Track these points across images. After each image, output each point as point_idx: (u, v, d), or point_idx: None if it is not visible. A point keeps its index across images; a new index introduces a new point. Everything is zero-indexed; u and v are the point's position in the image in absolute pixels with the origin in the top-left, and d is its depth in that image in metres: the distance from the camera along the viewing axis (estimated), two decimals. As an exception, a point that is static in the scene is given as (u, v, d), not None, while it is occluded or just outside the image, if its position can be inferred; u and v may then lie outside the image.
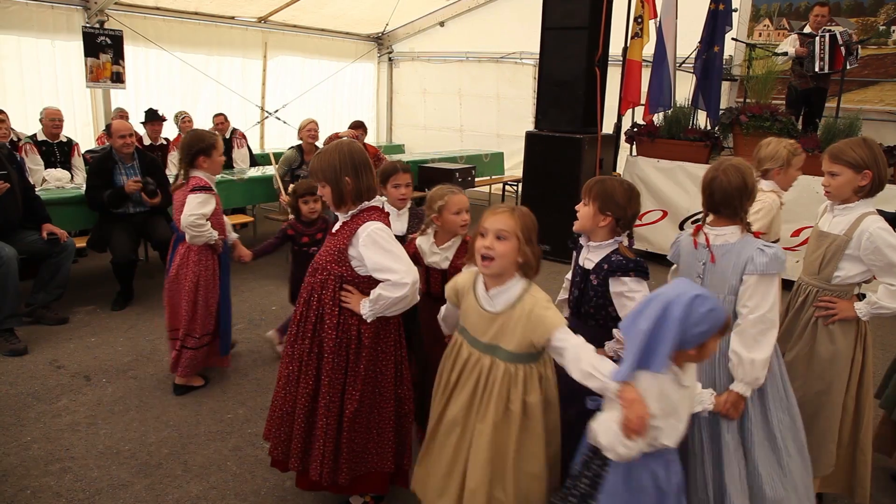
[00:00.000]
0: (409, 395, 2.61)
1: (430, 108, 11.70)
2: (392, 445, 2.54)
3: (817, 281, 2.64)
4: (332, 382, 2.43)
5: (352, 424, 2.44)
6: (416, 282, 2.32)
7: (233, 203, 6.60)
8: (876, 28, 7.68)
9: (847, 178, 2.51)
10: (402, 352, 2.59)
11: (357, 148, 2.46)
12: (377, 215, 2.42)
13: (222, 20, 9.19)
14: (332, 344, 2.42)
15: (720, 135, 6.72)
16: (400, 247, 2.40)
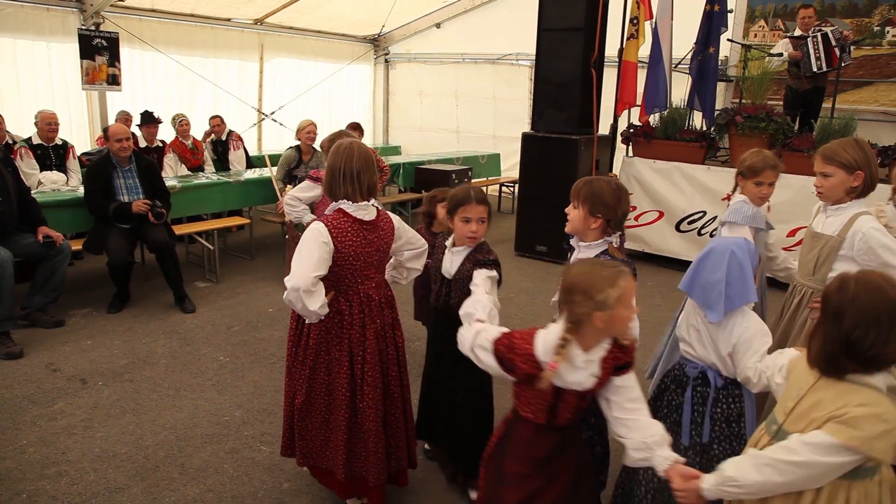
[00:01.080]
0: (371, 413, 2.54)
1: (427, 109, 11.70)
2: (342, 453, 2.56)
3: (812, 282, 2.65)
4: (289, 369, 2.64)
5: (301, 413, 2.60)
6: (296, 288, 2.30)
7: (229, 205, 6.60)
8: (870, 29, 7.71)
9: (840, 178, 2.52)
10: (365, 366, 2.53)
11: (342, 150, 2.49)
12: (333, 217, 2.46)
13: (218, 22, 9.18)
14: (292, 334, 2.62)
15: (716, 135, 6.73)
16: (315, 252, 2.35)
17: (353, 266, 2.47)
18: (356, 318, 2.51)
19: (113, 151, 5.06)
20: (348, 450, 2.58)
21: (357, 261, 2.47)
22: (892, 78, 7.67)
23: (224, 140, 7.81)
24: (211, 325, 4.89)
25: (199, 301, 5.34)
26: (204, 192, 6.28)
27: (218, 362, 4.27)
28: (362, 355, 2.54)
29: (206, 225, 6.14)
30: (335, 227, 2.41)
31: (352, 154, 2.48)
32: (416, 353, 4.49)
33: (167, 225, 5.31)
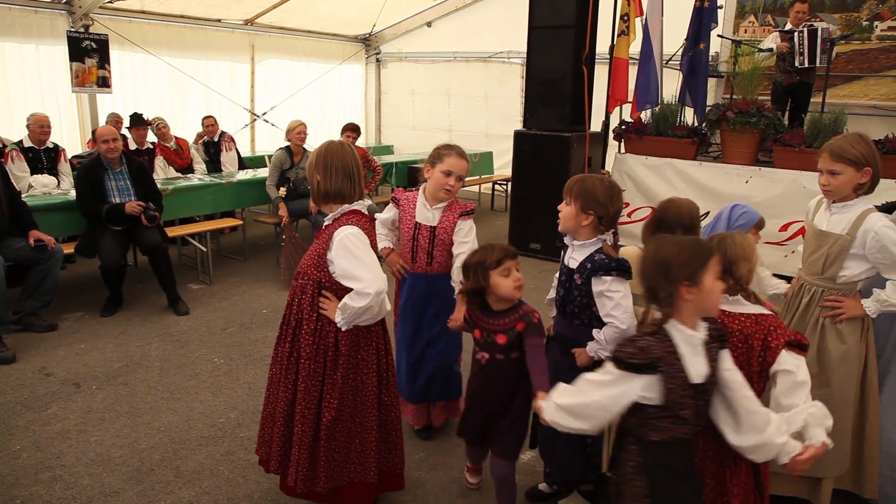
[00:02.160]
0: (395, 402, 2.59)
1: (419, 108, 11.70)
2: (374, 455, 2.51)
3: (822, 281, 2.61)
4: (309, 389, 2.41)
5: (329, 433, 2.41)
6: (380, 292, 2.26)
7: (222, 206, 6.58)
8: (859, 23, 7.74)
9: (849, 176, 2.45)
10: (388, 358, 2.56)
11: (335, 149, 2.43)
12: (356, 219, 2.39)
13: (209, 23, 9.14)
14: (309, 350, 2.41)
15: (707, 131, 6.74)
16: (372, 254, 2.34)
17: None
18: None
19: (101, 153, 5.04)
20: (378, 449, 2.55)
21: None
22: (882, 72, 7.71)
23: (216, 141, 7.78)
24: (205, 327, 4.88)
25: (193, 303, 5.33)
26: (196, 193, 6.26)
27: (212, 364, 4.26)
28: (385, 347, 2.54)
29: (198, 227, 6.13)
30: (364, 229, 2.39)
31: (352, 152, 2.48)
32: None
33: (160, 227, 5.29)
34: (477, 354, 2.48)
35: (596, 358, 2.44)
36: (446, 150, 2.98)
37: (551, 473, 2.73)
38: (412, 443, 3.32)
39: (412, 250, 3.12)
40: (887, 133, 5.93)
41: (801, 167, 5.95)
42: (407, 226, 3.11)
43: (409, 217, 3.10)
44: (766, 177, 6.16)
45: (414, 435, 3.41)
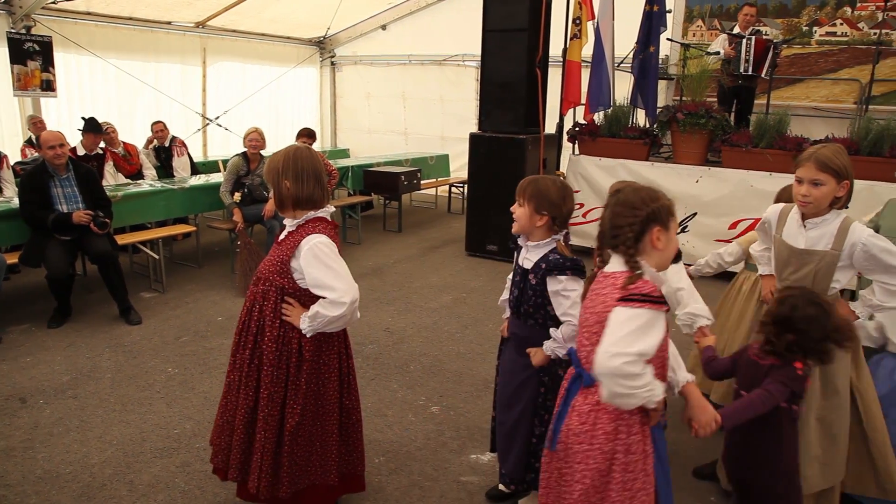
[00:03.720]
0: (356, 405, 2.59)
1: (374, 111, 11.68)
2: (335, 457, 2.51)
3: None
4: (272, 395, 2.39)
5: (293, 438, 2.40)
6: (354, 301, 2.27)
7: (174, 213, 6.45)
8: (799, 28, 8.03)
9: (831, 187, 2.36)
10: (349, 362, 2.56)
11: (305, 154, 2.41)
12: (323, 227, 2.38)
13: (158, 25, 8.96)
14: (273, 357, 2.38)
15: (659, 132, 6.90)
16: (342, 263, 2.34)
17: None
18: None
19: (48, 159, 4.87)
20: (339, 452, 2.54)
21: None
22: (821, 75, 8.01)
23: (167, 146, 7.62)
24: (158, 337, 4.77)
25: (146, 312, 5.21)
26: (147, 199, 6.12)
27: (166, 374, 4.17)
28: (346, 351, 2.53)
29: (150, 234, 5.99)
30: (330, 236, 2.38)
31: (314, 156, 2.45)
32: (369, 356, 4.48)
33: (109, 234, 5.15)
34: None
35: (553, 356, 2.47)
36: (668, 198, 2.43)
37: (507, 475, 2.76)
38: (371, 447, 3.31)
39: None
40: (828, 134, 6.16)
41: (749, 167, 6.14)
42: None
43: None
44: (716, 176, 6.34)
45: (373, 439, 3.40)
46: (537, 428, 2.59)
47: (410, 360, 4.45)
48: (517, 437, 2.62)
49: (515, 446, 2.63)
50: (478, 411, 3.74)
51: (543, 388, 2.56)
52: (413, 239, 8.03)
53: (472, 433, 3.51)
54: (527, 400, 2.57)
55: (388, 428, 3.57)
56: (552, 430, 2.04)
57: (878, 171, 5.57)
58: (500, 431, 2.72)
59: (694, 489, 3.04)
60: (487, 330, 4.98)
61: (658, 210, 1.90)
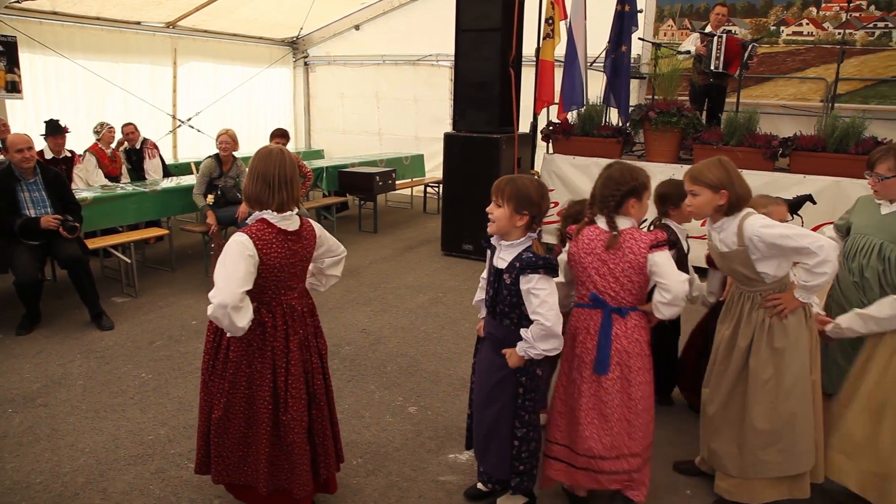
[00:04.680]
0: (297, 425, 2.52)
1: (348, 112, 11.63)
2: (265, 467, 2.51)
3: (754, 286, 2.69)
4: (206, 383, 2.55)
5: (218, 429, 2.52)
6: (223, 305, 2.20)
7: (146, 216, 6.36)
8: (767, 28, 8.17)
9: (707, 197, 2.59)
10: (288, 378, 2.49)
11: (264, 155, 2.41)
12: (258, 227, 2.39)
13: (127, 25, 8.81)
14: (209, 346, 2.53)
15: (631, 131, 6.96)
16: (240, 266, 2.28)
17: (278, 277, 2.42)
18: (279, 330, 2.47)
19: (14, 163, 4.77)
20: (271, 463, 2.53)
21: (282, 272, 2.42)
22: (789, 74, 8.16)
23: (138, 148, 7.52)
24: (131, 342, 4.70)
25: (118, 317, 5.13)
26: (118, 203, 6.02)
27: (140, 380, 4.11)
28: (286, 367, 2.49)
29: (121, 237, 5.89)
30: (260, 239, 2.35)
31: (284, 161, 2.43)
32: (346, 357, 4.46)
33: (79, 239, 5.06)
34: None
35: (526, 357, 2.48)
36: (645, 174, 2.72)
37: (485, 473, 2.77)
38: (349, 449, 3.30)
39: None
40: (796, 131, 6.27)
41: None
42: None
43: None
44: (688, 174, 6.40)
45: (350, 441, 3.39)
46: (518, 430, 2.59)
47: (387, 361, 4.44)
48: (496, 437, 2.63)
49: (494, 446, 2.64)
50: (455, 411, 3.74)
51: (522, 389, 2.57)
52: (389, 239, 8.01)
53: (449, 433, 3.52)
54: (505, 400, 2.58)
55: (366, 429, 3.56)
56: (598, 358, 2.57)
57: (844, 167, 5.68)
58: (477, 430, 2.73)
59: (671, 483, 3.08)
60: (464, 329, 4.99)
61: (636, 187, 2.54)
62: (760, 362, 2.67)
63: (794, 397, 2.65)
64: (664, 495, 2.99)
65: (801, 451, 2.69)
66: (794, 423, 2.65)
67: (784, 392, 2.64)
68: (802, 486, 2.76)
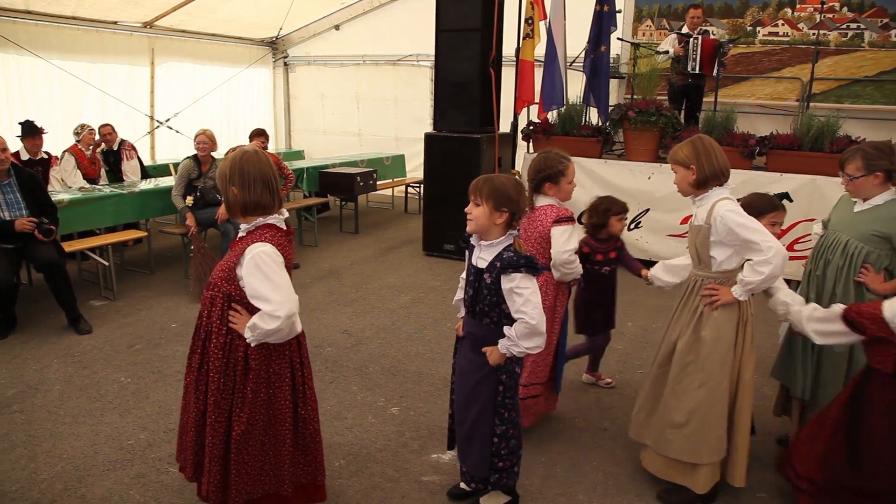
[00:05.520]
0: (313, 415, 2.54)
1: (329, 112, 11.59)
2: (289, 467, 2.47)
3: (700, 271, 2.80)
4: (218, 402, 2.37)
5: (240, 446, 2.37)
6: (291, 315, 2.21)
7: (124, 218, 6.28)
8: (744, 29, 8.27)
9: (682, 174, 2.75)
10: (304, 371, 2.50)
11: (252, 159, 2.35)
12: (271, 234, 2.32)
13: (104, 25, 8.71)
14: (219, 364, 2.35)
15: (611, 130, 7.02)
16: (284, 275, 2.27)
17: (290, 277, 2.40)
18: None
19: (-11, 166, 4.70)
20: (293, 463, 2.49)
21: (289, 272, 2.39)
22: (765, 74, 8.27)
23: (116, 150, 7.43)
24: (109, 346, 4.65)
25: (96, 321, 5.07)
26: (96, 205, 5.94)
27: (119, 384, 4.07)
28: (300, 361, 2.48)
29: (99, 240, 5.82)
30: (278, 244, 2.31)
31: (270, 161, 2.40)
32: (327, 359, 4.44)
33: (55, 241, 4.99)
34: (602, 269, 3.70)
35: (508, 355, 2.49)
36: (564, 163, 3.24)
37: (468, 472, 2.78)
38: (331, 450, 3.29)
39: None
40: (772, 130, 6.35)
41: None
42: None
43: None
44: (667, 173, 6.36)
45: (332, 443, 3.38)
46: (498, 427, 2.61)
47: (369, 362, 4.44)
48: (477, 436, 2.64)
49: (476, 445, 2.65)
50: (438, 411, 3.75)
51: (502, 387, 2.58)
52: (370, 240, 8.00)
53: (432, 433, 3.52)
54: (485, 399, 2.59)
55: (348, 430, 3.55)
56: None
57: (819, 166, 5.77)
58: (459, 430, 2.73)
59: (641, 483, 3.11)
60: (446, 329, 4.99)
61: (550, 174, 3.19)
62: (684, 347, 2.79)
63: (707, 390, 2.73)
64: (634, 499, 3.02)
65: (703, 443, 2.76)
66: (703, 415, 2.74)
67: (699, 382, 2.74)
68: (699, 480, 2.83)
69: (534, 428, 3.55)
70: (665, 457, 2.90)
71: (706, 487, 2.84)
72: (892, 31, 7.63)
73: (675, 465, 2.88)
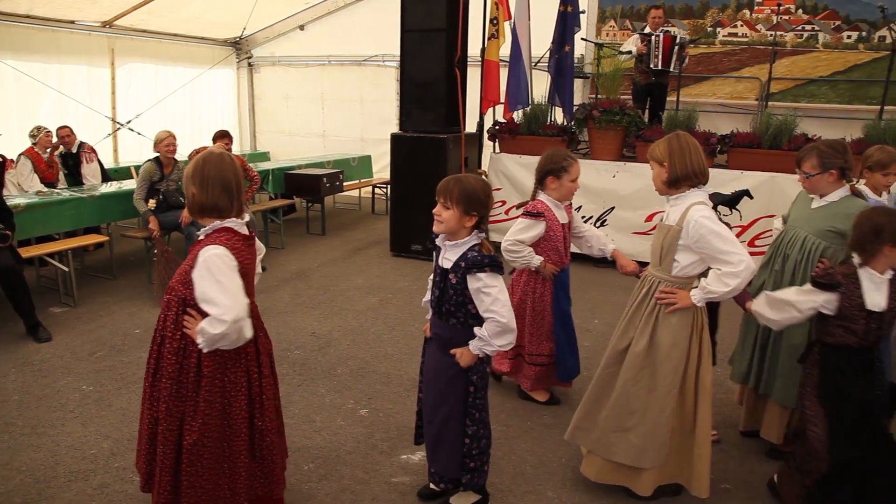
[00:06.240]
0: (271, 426, 2.48)
1: (294, 113, 11.49)
2: (244, 481, 2.41)
3: (659, 272, 2.75)
4: (170, 409, 2.31)
5: (192, 456, 2.31)
6: (237, 319, 2.15)
7: (85, 222, 6.13)
8: (704, 29, 8.43)
9: (657, 171, 2.72)
10: (262, 381, 2.45)
11: (215, 160, 2.31)
12: (226, 238, 2.28)
13: (61, 24, 8.50)
14: (172, 370, 2.30)
15: (576, 129, 7.09)
16: (234, 279, 2.21)
17: (247, 283, 2.34)
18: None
19: (-60, 170, 4.56)
20: (250, 476, 2.43)
21: (248, 278, 2.35)
22: (725, 73, 8.44)
23: (75, 153, 7.26)
24: (70, 353, 4.54)
25: (56, 328, 4.95)
26: (54, 209, 5.79)
27: (80, 392, 3.98)
28: (258, 370, 2.43)
29: (58, 245, 5.68)
30: (233, 248, 2.26)
31: (235, 164, 2.36)
32: (295, 362, 4.41)
33: (11, 247, 4.86)
34: None
35: (481, 355, 2.50)
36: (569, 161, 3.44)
37: (437, 473, 2.78)
38: (300, 454, 3.27)
39: (565, 249, 3.62)
40: (733, 128, 6.48)
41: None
42: (556, 231, 3.52)
43: (556, 223, 3.52)
44: (631, 171, 6.56)
45: (301, 446, 3.35)
46: (469, 427, 2.61)
47: (338, 364, 4.41)
48: (448, 437, 2.64)
49: (446, 446, 2.65)
50: (407, 412, 3.74)
51: (473, 388, 2.59)
52: (337, 241, 7.95)
53: (401, 433, 3.52)
54: (456, 399, 2.59)
55: (317, 434, 3.53)
56: None
57: (778, 163, 5.91)
58: (428, 431, 2.73)
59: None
60: (414, 330, 4.99)
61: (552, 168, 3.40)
62: (639, 350, 2.74)
63: (657, 395, 2.72)
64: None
65: (650, 448, 2.75)
66: (652, 420, 2.73)
67: (650, 387, 2.72)
68: (643, 483, 2.84)
69: (502, 426, 3.57)
70: (607, 460, 2.87)
71: (650, 490, 2.85)
72: (844, 33, 7.86)
73: (616, 468, 2.86)
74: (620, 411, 2.78)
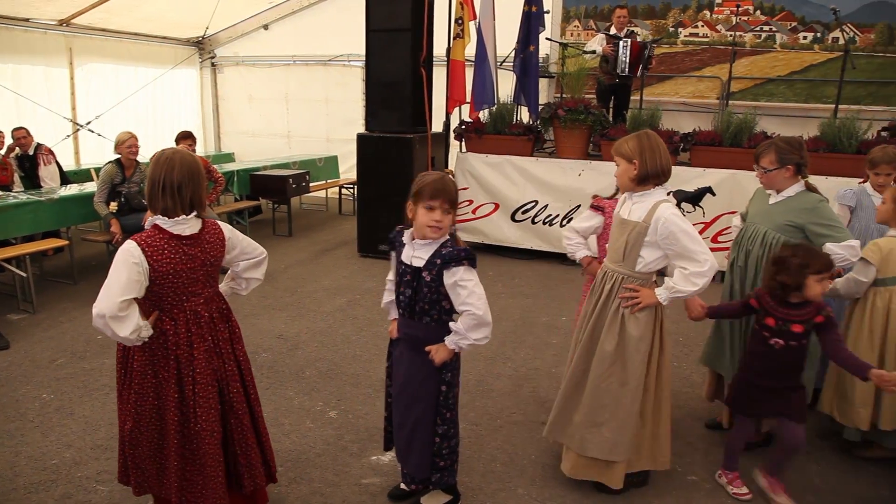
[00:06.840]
0: (206, 436, 2.43)
1: (258, 114, 11.37)
2: (176, 480, 2.42)
3: (623, 268, 2.77)
4: (119, 394, 2.49)
5: (131, 440, 2.46)
6: (101, 314, 2.16)
7: (43, 226, 5.98)
8: (666, 29, 8.57)
9: (623, 167, 2.71)
10: (196, 388, 2.40)
11: (164, 161, 2.32)
12: (147, 234, 2.30)
13: (14, 22, 8.26)
14: (119, 356, 2.47)
15: (541, 128, 7.15)
16: (125, 273, 2.20)
17: (175, 284, 2.32)
18: (182, 338, 2.37)
19: None
20: (182, 477, 2.44)
21: (178, 278, 2.32)
22: (687, 73, 8.59)
23: (32, 154, 7.08)
24: (29, 361, 4.43)
25: (14, 335, 4.82)
26: (10, 213, 5.63)
27: (40, 401, 3.88)
28: (192, 375, 2.40)
29: (15, 250, 5.52)
30: (149, 245, 2.26)
31: (173, 165, 2.32)
32: (263, 365, 4.36)
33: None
34: (770, 340, 2.84)
35: (457, 349, 2.51)
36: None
37: (409, 474, 2.78)
38: (269, 459, 3.24)
39: None
40: (695, 126, 6.60)
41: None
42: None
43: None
44: (597, 169, 6.63)
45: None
46: (440, 427, 2.62)
47: (306, 366, 4.38)
48: (418, 437, 2.64)
49: (417, 446, 2.65)
50: (376, 413, 3.73)
51: (445, 387, 2.59)
52: (304, 242, 7.89)
53: (371, 434, 3.51)
54: (428, 399, 2.60)
55: (286, 437, 3.50)
56: None
57: (738, 160, 6.03)
58: (399, 432, 2.73)
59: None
60: (383, 331, 4.96)
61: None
62: (609, 347, 2.78)
63: (629, 389, 2.77)
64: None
65: (622, 441, 2.81)
66: (624, 414, 2.78)
67: (621, 381, 2.77)
68: (615, 475, 2.89)
69: (472, 424, 3.58)
70: (581, 455, 2.91)
71: (621, 483, 2.90)
72: (800, 34, 8.08)
73: (590, 463, 2.90)
74: (592, 407, 2.83)
